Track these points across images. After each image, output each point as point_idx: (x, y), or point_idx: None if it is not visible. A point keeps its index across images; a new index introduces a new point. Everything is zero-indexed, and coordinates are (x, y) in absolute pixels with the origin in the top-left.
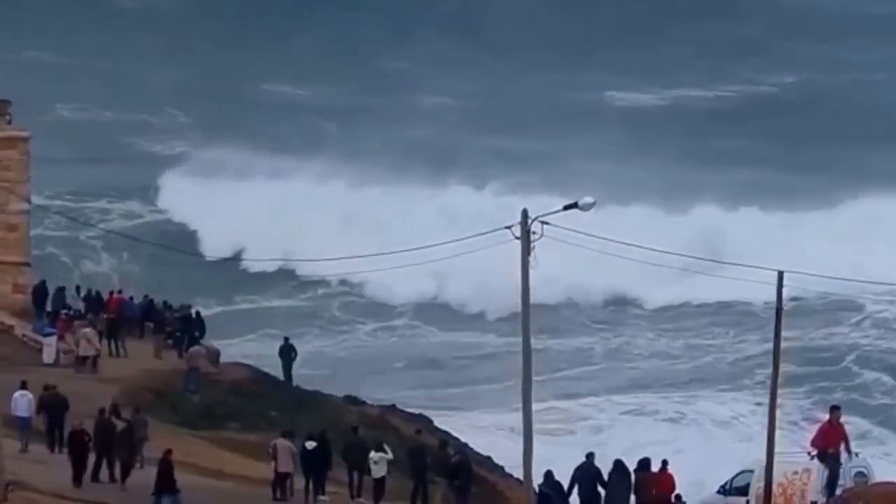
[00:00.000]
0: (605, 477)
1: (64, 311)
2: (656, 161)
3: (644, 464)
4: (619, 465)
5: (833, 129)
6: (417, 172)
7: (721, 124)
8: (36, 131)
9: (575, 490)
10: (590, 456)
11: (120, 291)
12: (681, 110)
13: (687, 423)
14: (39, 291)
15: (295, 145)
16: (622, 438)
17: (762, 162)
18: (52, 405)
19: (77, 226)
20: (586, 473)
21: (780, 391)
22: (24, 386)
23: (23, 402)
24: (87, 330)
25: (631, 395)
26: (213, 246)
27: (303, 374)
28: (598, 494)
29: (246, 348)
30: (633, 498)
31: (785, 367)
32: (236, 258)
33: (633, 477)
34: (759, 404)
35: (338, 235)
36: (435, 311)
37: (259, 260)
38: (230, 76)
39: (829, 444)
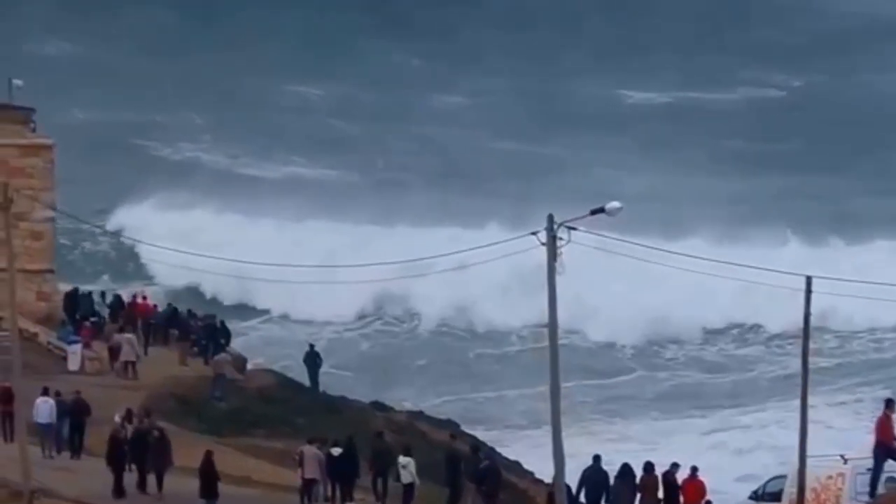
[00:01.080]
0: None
1: (93, 319)
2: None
3: (648, 467)
4: (624, 469)
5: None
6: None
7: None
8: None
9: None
10: (597, 459)
11: (144, 297)
12: (692, 111)
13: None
14: (72, 298)
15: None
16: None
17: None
18: (74, 411)
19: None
20: (593, 476)
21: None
22: (45, 392)
23: (44, 409)
24: (130, 336)
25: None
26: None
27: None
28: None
29: None
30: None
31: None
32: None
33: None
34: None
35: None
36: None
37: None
38: (240, 75)
39: (887, 436)
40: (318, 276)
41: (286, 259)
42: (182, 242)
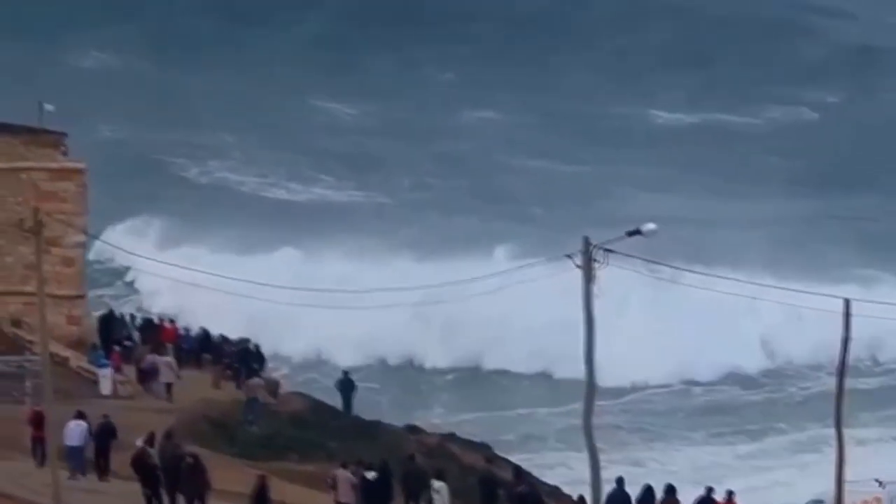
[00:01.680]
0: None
1: (125, 342)
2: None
3: (670, 490)
4: (646, 492)
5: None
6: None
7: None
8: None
9: None
10: (620, 482)
11: (172, 321)
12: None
13: None
14: (106, 322)
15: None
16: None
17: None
18: (100, 434)
19: None
20: (617, 498)
21: None
22: (79, 416)
23: (76, 432)
24: (168, 358)
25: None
26: None
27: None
28: None
29: None
30: None
31: None
32: None
33: None
34: None
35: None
36: None
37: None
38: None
39: None
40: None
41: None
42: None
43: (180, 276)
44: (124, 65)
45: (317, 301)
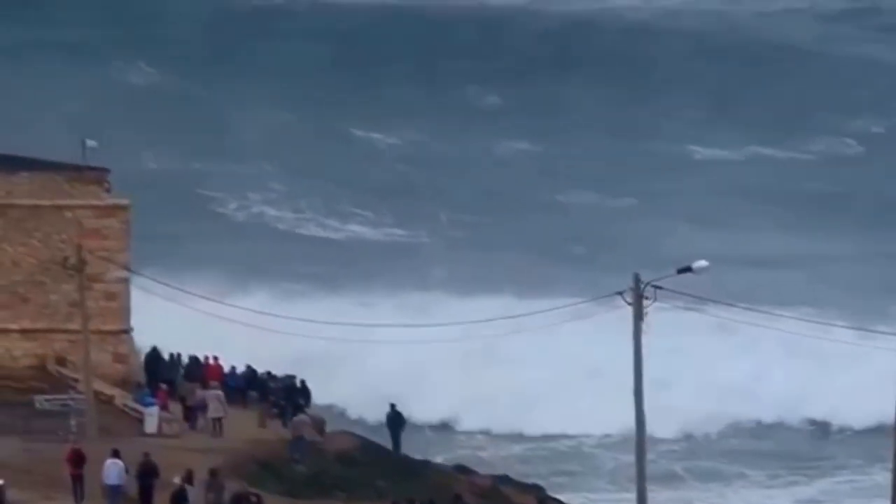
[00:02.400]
0: None
1: (171, 381)
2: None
3: None
4: None
5: None
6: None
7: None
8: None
9: None
10: None
11: (215, 358)
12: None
13: None
14: (152, 360)
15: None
16: None
17: None
18: (142, 472)
19: None
20: None
21: None
22: (115, 454)
23: (113, 470)
24: (218, 392)
25: None
26: None
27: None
28: None
29: None
30: None
31: None
32: None
33: None
34: None
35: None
36: None
37: None
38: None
39: None
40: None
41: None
42: None
43: (220, 312)
44: (169, 86)
45: (364, 336)
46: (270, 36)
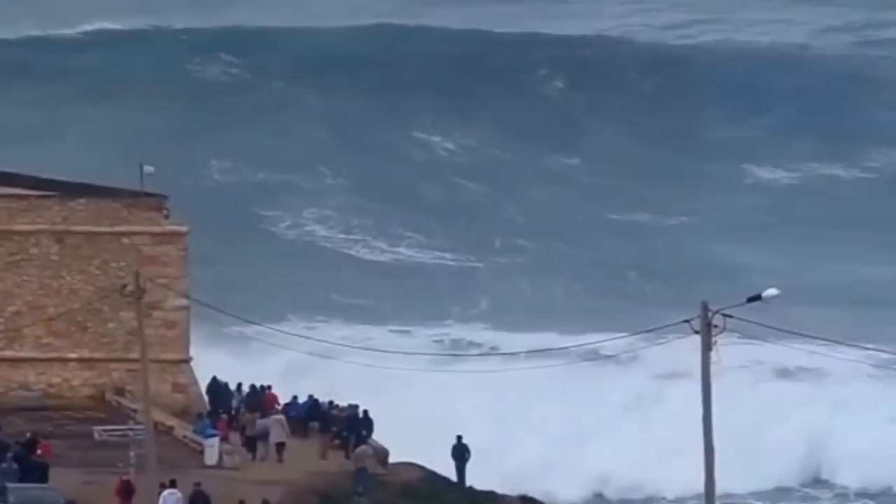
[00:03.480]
0: None
1: (230, 411)
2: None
3: None
4: None
5: None
6: None
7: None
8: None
9: None
10: None
11: (269, 387)
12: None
13: None
14: (214, 389)
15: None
16: None
17: None
18: (193, 502)
19: None
20: None
21: None
22: (172, 485)
23: (171, 501)
24: (279, 416)
25: None
26: None
27: None
28: None
29: None
30: None
31: None
32: None
33: None
34: None
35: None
36: None
37: None
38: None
39: None
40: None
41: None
42: None
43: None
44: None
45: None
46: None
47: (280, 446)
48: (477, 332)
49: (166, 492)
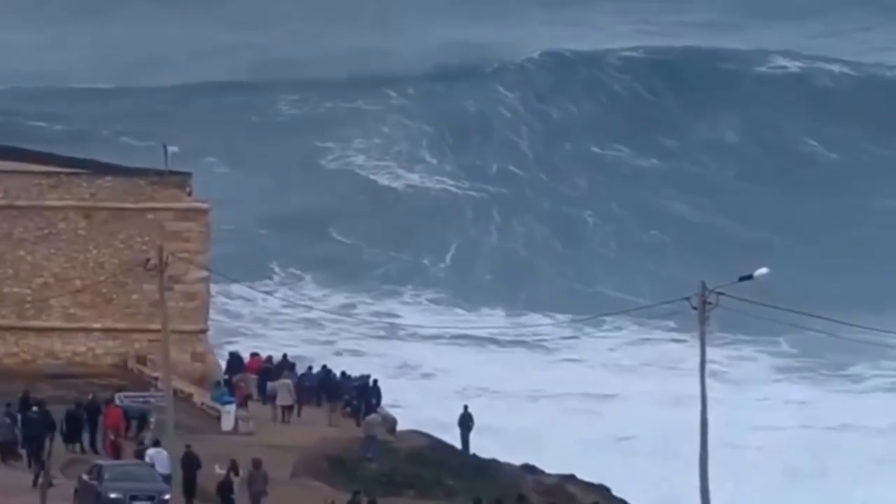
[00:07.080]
0: None
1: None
2: None
3: None
4: None
5: None
6: None
7: None
8: None
9: None
10: None
11: (256, 354)
12: None
13: None
14: (235, 360)
15: None
16: None
17: None
18: (184, 464)
19: None
20: None
21: None
22: (156, 444)
23: (158, 459)
24: (286, 381)
25: None
26: None
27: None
28: None
29: None
30: None
31: None
32: None
33: None
34: None
35: None
36: None
37: None
38: None
39: None
40: None
41: None
42: None
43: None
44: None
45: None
46: None
47: (287, 409)
48: None
49: (153, 450)
